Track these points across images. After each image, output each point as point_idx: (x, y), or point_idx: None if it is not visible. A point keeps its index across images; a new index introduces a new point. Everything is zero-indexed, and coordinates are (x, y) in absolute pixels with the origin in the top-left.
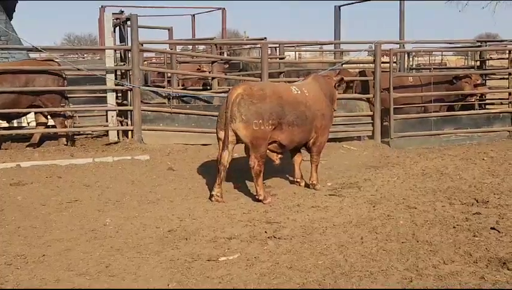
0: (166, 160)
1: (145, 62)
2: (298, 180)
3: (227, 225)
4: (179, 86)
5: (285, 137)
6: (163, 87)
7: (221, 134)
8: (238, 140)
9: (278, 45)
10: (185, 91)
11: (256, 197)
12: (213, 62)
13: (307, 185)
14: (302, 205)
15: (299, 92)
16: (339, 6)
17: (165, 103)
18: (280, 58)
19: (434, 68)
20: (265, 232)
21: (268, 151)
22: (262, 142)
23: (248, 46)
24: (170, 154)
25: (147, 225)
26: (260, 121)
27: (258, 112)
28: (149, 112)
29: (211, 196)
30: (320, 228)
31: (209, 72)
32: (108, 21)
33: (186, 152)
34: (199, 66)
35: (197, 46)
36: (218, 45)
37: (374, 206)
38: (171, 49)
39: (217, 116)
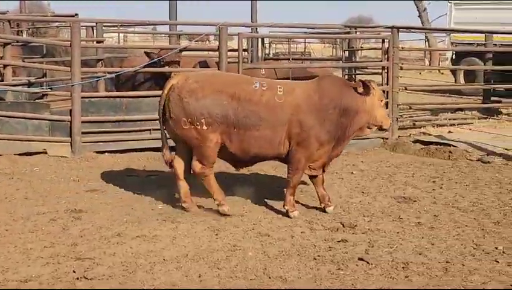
0: None
1: None
2: (323, 205)
3: (21, 263)
4: None
5: (234, 144)
6: None
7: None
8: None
9: (94, 24)
10: None
11: (216, 203)
12: (5, 44)
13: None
14: (124, 234)
15: (264, 88)
16: None
17: None
18: (97, 42)
19: (294, 58)
20: (74, 271)
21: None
22: (202, 143)
23: (57, 24)
24: None
25: None
26: (189, 120)
27: (186, 108)
28: None
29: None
30: (147, 264)
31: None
32: None
33: None
34: None
35: None
36: (14, 22)
37: (216, 234)
38: None
39: (8, 116)
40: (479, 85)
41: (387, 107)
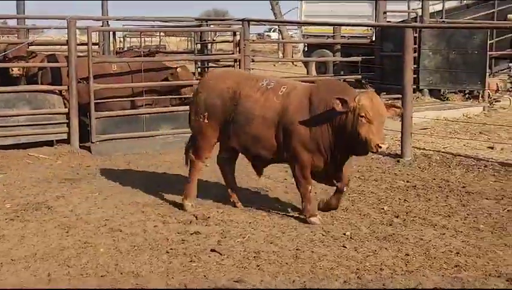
0: None
1: None
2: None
3: None
4: None
5: (235, 139)
6: None
7: None
8: None
9: None
10: None
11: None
12: None
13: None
14: None
15: (270, 86)
16: None
17: None
18: None
19: (146, 52)
20: None
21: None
22: (200, 136)
23: None
24: None
25: None
26: (195, 111)
27: (196, 102)
28: None
29: None
30: None
31: None
32: None
33: None
34: None
35: None
36: None
37: (67, 232)
38: None
39: None
40: (329, 76)
41: None
